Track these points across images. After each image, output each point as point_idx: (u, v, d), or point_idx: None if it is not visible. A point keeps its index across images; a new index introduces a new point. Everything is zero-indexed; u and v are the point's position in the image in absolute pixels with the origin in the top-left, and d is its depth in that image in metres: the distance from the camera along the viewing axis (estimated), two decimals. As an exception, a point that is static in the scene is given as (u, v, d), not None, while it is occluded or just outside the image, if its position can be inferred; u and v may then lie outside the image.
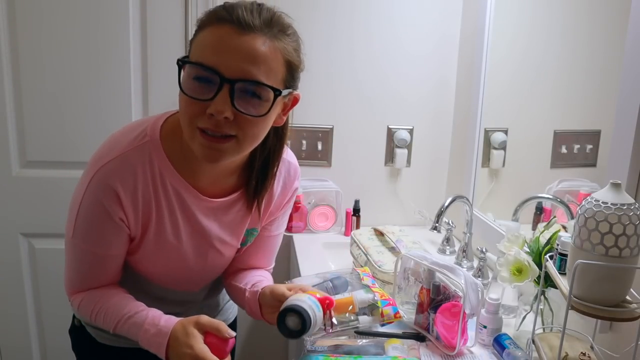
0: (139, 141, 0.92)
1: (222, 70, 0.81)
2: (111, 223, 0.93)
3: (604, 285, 0.82)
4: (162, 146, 0.93)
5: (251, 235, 1.09)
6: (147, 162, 0.92)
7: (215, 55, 0.81)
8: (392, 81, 1.86)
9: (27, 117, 1.73)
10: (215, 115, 0.82)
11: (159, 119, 0.96)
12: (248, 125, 0.85)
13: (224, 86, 0.81)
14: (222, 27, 0.82)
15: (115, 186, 0.90)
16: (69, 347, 1.20)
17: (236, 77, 0.81)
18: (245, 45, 0.81)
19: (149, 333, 0.91)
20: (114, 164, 0.90)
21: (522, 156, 1.54)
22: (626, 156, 1.00)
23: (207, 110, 0.82)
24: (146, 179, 0.92)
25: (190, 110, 0.84)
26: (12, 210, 1.79)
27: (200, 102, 0.83)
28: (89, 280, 0.99)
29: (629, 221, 0.78)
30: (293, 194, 1.11)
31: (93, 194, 0.91)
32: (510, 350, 1.05)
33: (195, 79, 0.83)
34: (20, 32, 1.67)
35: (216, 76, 0.81)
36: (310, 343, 1.06)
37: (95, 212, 0.92)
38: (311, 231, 1.90)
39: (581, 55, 1.27)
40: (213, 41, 0.82)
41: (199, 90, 0.83)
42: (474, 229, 1.59)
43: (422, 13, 1.82)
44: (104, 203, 0.90)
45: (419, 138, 1.92)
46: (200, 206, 0.98)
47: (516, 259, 1.10)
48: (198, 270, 1.07)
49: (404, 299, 1.23)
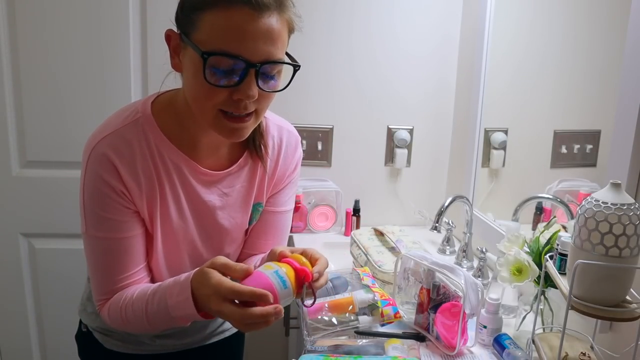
0: (131, 118, 0.92)
1: (247, 56, 0.80)
2: (114, 197, 0.91)
3: (604, 285, 0.82)
4: (155, 121, 0.92)
5: (257, 211, 1.08)
6: (142, 137, 0.91)
7: (238, 42, 0.80)
8: (392, 81, 1.86)
9: (27, 117, 1.74)
10: (244, 100, 0.83)
11: (149, 98, 0.96)
12: (265, 99, 0.87)
13: (249, 71, 0.81)
14: (235, 9, 0.79)
15: (111, 158, 0.89)
16: (69, 347, 1.20)
17: (261, 60, 0.81)
18: (265, 28, 0.80)
19: (174, 296, 0.86)
20: (108, 139, 0.89)
21: (522, 156, 1.54)
22: (626, 156, 1.00)
23: (233, 95, 0.83)
24: (144, 153, 0.92)
25: (214, 98, 0.83)
26: (12, 210, 1.79)
27: (224, 89, 0.82)
28: (113, 274, 0.95)
29: (629, 221, 0.78)
30: (297, 163, 1.10)
31: (92, 170, 0.90)
32: (510, 350, 1.05)
33: (217, 67, 0.81)
34: (20, 32, 1.67)
35: (241, 62, 0.80)
36: (310, 343, 1.06)
37: (97, 188, 0.90)
38: (311, 231, 1.90)
39: (581, 55, 1.27)
40: (232, 27, 0.79)
41: (221, 78, 0.82)
42: (474, 229, 1.59)
43: (422, 13, 1.82)
44: (103, 177, 0.89)
45: (419, 138, 1.92)
46: (202, 180, 0.98)
47: (516, 259, 1.10)
48: (208, 258, 1.05)
49: (404, 299, 1.23)
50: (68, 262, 1.83)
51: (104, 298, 0.96)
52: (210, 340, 1.21)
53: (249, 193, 1.04)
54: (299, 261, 0.85)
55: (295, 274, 0.83)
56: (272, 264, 0.85)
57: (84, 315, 1.14)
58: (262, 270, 0.83)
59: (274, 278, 0.81)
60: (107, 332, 1.11)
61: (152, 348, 1.13)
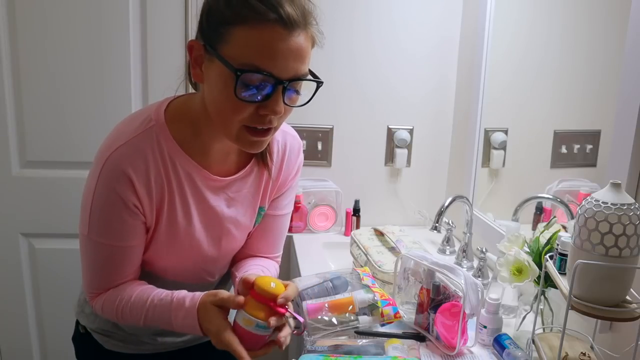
0: (144, 126, 0.91)
1: (277, 73, 0.81)
2: (127, 211, 0.91)
3: (604, 285, 0.82)
4: (169, 130, 0.92)
5: (260, 215, 1.09)
6: (155, 146, 0.91)
7: (270, 60, 0.80)
8: (392, 81, 1.86)
9: (27, 117, 1.73)
10: (270, 115, 0.83)
11: (161, 104, 0.95)
12: (287, 113, 0.88)
13: (278, 87, 0.82)
14: (267, 26, 0.79)
15: (128, 172, 0.88)
16: (69, 347, 1.19)
17: (289, 77, 0.82)
18: (295, 46, 0.82)
19: (179, 318, 0.92)
20: (123, 150, 0.89)
21: (522, 156, 1.54)
22: (626, 156, 1.00)
23: (259, 111, 0.83)
24: (157, 163, 0.91)
25: (240, 113, 0.84)
26: (12, 210, 1.79)
27: (251, 104, 0.83)
28: (110, 277, 0.97)
29: (629, 221, 0.78)
30: (299, 168, 1.12)
31: (105, 183, 0.89)
32: (510, 351, 1.05)
33: (247, 83, 0.81)
34: (20, 32, 1.67)
35: (271, 79, 0.81)
36: (310, 343, 1.06)
37: (110, 201, 0.90)
38: (311, 231, 1.90)
39: (581, 55, 1.27)
40: (265, 45, 0.80)
41: (250, 93, 0.82)
42: (474, 229, 1.59)
43: (422, 13, 1.82)
44: (117, 190, 0.89)
45: (419, 138, 1.92)
46: (210, 186, 0.98)
47: (516, 259, 1.10)
48: (212, 259, 1.06)
49: (404, 299, 1.23)
50: (68, 262, 1.82)
51: (96, 292, 0.99)
52: None
53: (254, 198, 1.05)
54: (266, 288, 0.88)
55: (266, 311, 0.89)
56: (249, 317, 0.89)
57: (82, 317, 1.14)
58: (245, 327, 0.89)
59: (258, 330, 0.89)
60: (107, 332, 1.10)
61: (154, 347, 1.12)
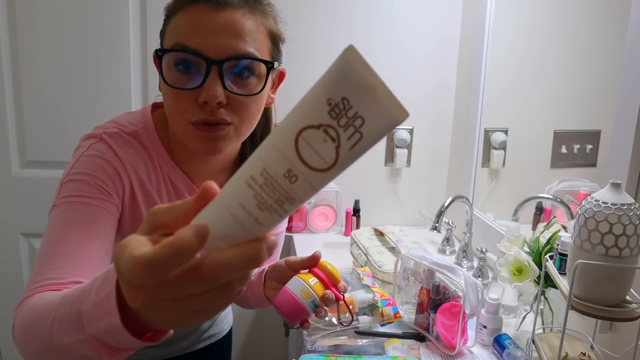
0: (133, 127, 0.87)
1: (205, 51, 0.74)
2: (104, 173, 0.80)
3: (604, 285, 0.82)
4: (157, 135, 0.87)
5: None
6: (143, 149, 0.86)
7: (194, 36, 0.74)
8: (392, 81, 1.85)
9: (27, 117, 1.74)
10: (208, 102, 0.75)
11: (146, 109, 0.90)
12: (243, 108, 0.79)
13: (211, 69, 0.74)
14: (195, 7, 0.75)
15: (117, 150, 0.83)
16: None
17: (223, 56, 0.74)
18: (225, 20, 0.75)
19: (92, 294, 0.49)
20: (116, 138, 0.84)
21: (522, 156, 1.54)
22: (626, 156, 1.00)
23: (198, 99, 0.75)
24: (145, 161, 0.86)
25: (180, 105, 0.77)
26: (12, 210, 1.79)
27: (189, 93, 0.76)
28: (60, 258, 0.74)
29: (629, 221, 0.78)
30: None
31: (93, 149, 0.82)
32: (510, 350, 1.05)
33: (177, 67, 0.75)
34: (20, 32, 1.67)
35: (201, 59, 0.74)
36: (310, 343, 1.06)
37: (89, 161, 0.81)
38: (311, 231, 1.90)
39: (581, 55, 1.27)
40: (188, 22, 0.75)
41: (184, 80, 0.76)
42: (474, 229, 1.59)
43: (422, 13, 1.82)
44: (103, 154, 0.82)
45: (419, 138, 1.92)
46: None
47: (516, 259, 1.10)
48: None
49: (404, 299, 1.23)
50: (68, 262, 1.82)
51: (36, 288, 0.69)
52: (196, 347, 1.18)
53: None
54: (332, 271, 0.88)
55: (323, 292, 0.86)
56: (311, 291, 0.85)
57: None
58: (300, 298, 0.84)
59: (309, 306, 0.84)
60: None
61: (136, 357, 1.07)
